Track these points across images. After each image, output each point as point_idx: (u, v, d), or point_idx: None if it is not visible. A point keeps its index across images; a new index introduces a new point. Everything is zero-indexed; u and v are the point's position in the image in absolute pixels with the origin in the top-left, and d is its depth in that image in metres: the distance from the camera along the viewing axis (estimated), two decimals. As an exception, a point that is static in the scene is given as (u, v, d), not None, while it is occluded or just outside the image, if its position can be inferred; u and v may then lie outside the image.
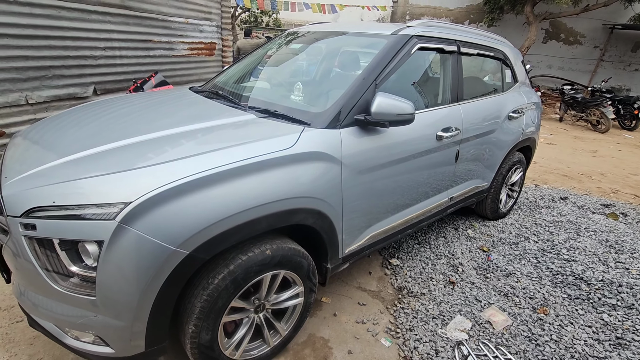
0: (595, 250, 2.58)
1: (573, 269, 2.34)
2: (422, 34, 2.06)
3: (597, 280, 2.22)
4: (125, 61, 3.64)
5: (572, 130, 8.52)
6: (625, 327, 1.89)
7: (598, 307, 2.05)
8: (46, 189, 1.17)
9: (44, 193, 1.16)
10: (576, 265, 2.38)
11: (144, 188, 1.14)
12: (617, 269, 2.33)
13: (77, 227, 1.11)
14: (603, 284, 2.18)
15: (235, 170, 1.29)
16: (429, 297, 2.24)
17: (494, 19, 12.42)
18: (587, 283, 2.22)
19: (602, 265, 2.39)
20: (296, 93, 1.98)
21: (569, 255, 2.51)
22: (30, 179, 1.23)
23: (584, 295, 2.14)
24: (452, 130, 2.20)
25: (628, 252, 2.58)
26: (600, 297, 2.10)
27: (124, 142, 1.40)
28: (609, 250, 2.60)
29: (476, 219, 3.30)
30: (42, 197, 1.15)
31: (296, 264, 1.57)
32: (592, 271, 2.31)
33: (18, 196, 1.18)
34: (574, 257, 2.48)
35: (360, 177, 1.72)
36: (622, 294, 2.08)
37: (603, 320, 1.95)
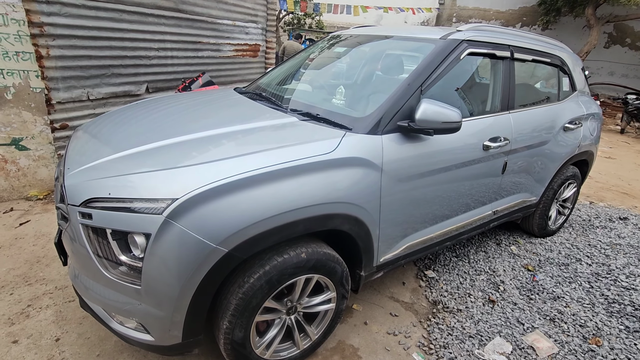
0: (660, 280, 2.32)
1: (633, 299, 2.12)
2: (473, 38, 1.97)
3: (662, 313, 1.99)
4: (176, 61, 3.84)
5: (635, 144, 7.76)
6: (695, 370, 1.67)
7: (662, 344, 1.84)
8: (103, 182, 1.25)
9: (100, 185, 1.24)
10: (637, 294, 2.15)
11: (189, 186, 1.19)
12: (687, 303, 2.08)
13: (128, 219, 1.17)
14: (670, 319, 1.95)
15: (276, 172, 1.31)
16: (466, 314, 2.13)
17: (549, 22, 11.68)
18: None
19: (668, 297, 2.15)
20: (338, 97, 1.98)
21: (629, 282, 2.28)
22: (89, 171, 1.33)
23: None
24: (501, 141, 2.08)
25: (701, 284, 2.30)
26: (665, 333, 1.88)
27: (172, 140, 1.46)
28: (677, 281, 2.33)
29: (521, 235, 3.10)
30: (99, 188, 1.24)
31: (330, 269, 1.55)
32: (656, 303, 2.08)
33: (78, 187, 1.27)
34: (634, 285, 2.25)
35: (400, 185, 1.68)
36: (692, 332, 1.85)
37: (668, 360, 1.74)
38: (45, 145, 3.01)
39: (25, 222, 2.72)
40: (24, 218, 2.76)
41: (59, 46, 2.80)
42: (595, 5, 9.88)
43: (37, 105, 2.87)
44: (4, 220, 2.72)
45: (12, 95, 2.77)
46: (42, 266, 2.24)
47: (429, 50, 1.86)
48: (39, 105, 2.87)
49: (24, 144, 2.93)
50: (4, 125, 2.81)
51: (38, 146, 2.99)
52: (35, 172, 3.05)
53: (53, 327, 1.79)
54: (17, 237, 2.52)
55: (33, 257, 2.32)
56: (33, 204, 2.98)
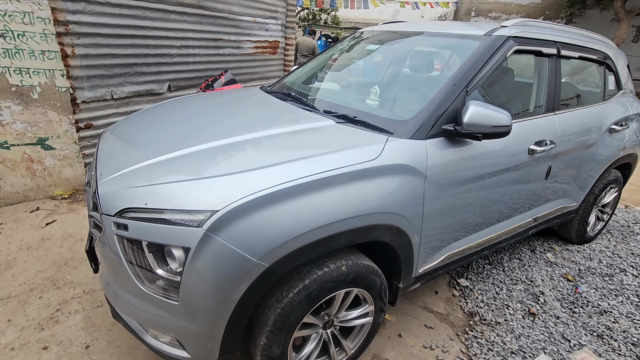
0: None
1: (691, 316, 1.97)
2: (520, 34, 1.83)
3: None
4: (198, 59, 3.78)
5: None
6: None
7: None
8: (139, 190, 1.19)
9: (136, 194, 1.18)
10: (695, 311, 2.00)
11: (230, 196, 1.11)
12: None
13: (166, 232, 1.11)
14: None
15: (320, 181, 1.22)
16: (506, 328, 2.01)
17: (573, 15, 11.25)
18: None
19: None
20: (372, 97, 1.87)
21: (684, 297, 2.12)
22: (123, 179, 1.27)
23: None
24: (547, 144, 1.94)
25: None
26: None
27: (207, 146, 1.39)
28: None
29: (556, 242, 2.95)
30: (135, 198, 1.17)
31: (370, 282, 1.47)
32: None
33: (112, 195, 1.22)
34: (690, 300, 2.09)
35: (443, 193, 1.57)
36: None
37: None
38: (70, 145, 3.00)
39: (51, 222, 2.71)
40: (50, 218, 2.76)
41: (84, 45, 2.77)
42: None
43: (62, 105, 2.85)
44: (30, 220, 2.72)
45: (38, 95, 2.76)
46: (69, 269, 2.23)
47: (474, 48, 1.73)
48: (65, 105, 2.85)
49: (49, 143, 2.93)
50: (30, 124, 2.81)
51: (63, 146, 2.98)
52: (61, 172, 3.04)
53: (82, 334, 1.76)
54: (44, 238, 2.52)
55: (60, 259, 2.30)
56: (58, 203, 2.98)
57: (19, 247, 2.40)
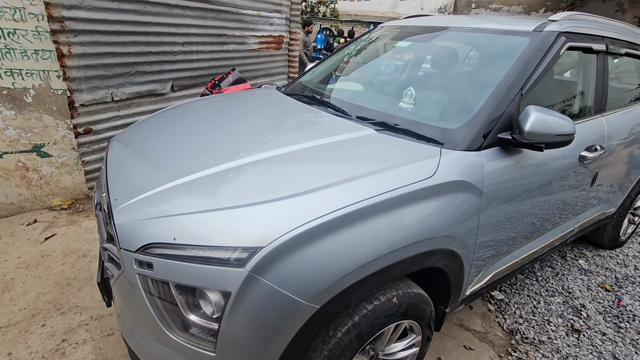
0: None
1: None
2: (571, 30, 1.66)
3: None
4: (201, 56, 3.57)
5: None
6: None
7: None
8: (165, 221, 1.00)
9: (162, 226, 1.00)
10: None
11: (277, 229, 0.94)
12: None
13: (200, 273, 0.93)
14: None
15: (375, 206, 1.05)
16: (551, 348, 1.87)
17: (574, 5, 11.07)
18: None
19: None
20: (407, 100, 1.69)
21: None
22: (144, 205, 1.08)
23: None
24: (597, 150, 1.79)
25: None
26: None
27: (239, 163, 1.20)
28: None
29: (586, 247, 2.82)
30: (161, 230, 0.99)
31: (420, 312, 1.31)
32: None
33: (133, 226, 1.03)
34: None
35: (498, 209, 1.41)
36: None
37: None
38: (68, 152, 2.78)
39: (50, 235, 2.51)
40: (49, 231, 2.56)
41: (81, 43, 2.55)
42: (630, -13, 9.28)
43: (59, 109, 2.63)
44: (28, 234, 2.52)
45: (32, 98, 2.54)
46: (73, 290, 2.04)
47: (524, 46, 1.56)
48: (61, 109, 2.63)
49: (45, 150, 2.71)
50: (24, 130, 2.59)
51: (61, 152, 2.76)
52: (59, 180, 2.83)
53: (93, 369, 1.58)
54: (44, 254, 2.32)
55: (63, 279, 2.11)
56: (57, 214, 2.78)
57: (16, 266, 2.20)
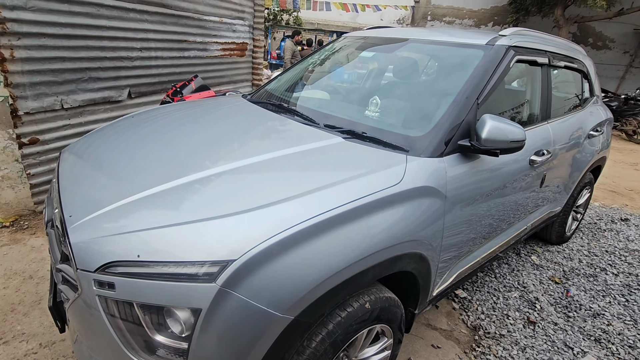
0: (695, 291, 2.30)
1: (677, 314, 2.07)
2: (518, 44, 1.81)
3: None
4: (161, 62, 3.44)
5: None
6: None
7: None
8: (128, 238, 0.95)
9: (125, 243, 0.94)
10: (680, 309, 2.11)
11: (248, 241, 0.92)
12: None
13: (167, 290, 0.89)
14: None
15: (346, 214, 1.06)
16: (510, 340, 1.99)
17: (518, 20, 12.04)
18: (699, 333, 1.95)
19: None
20: (373, 109, 1.74)
21: (666, 295, 2.24)
22: (103, 221, 1.01)
23: (698, 348, 1.87)
24: (544, 154, 1.94)
25: None
26: None
27: (205, 174, 1.17)
28: None
29: (537, 243, 3.03)
30: (123, 248, 0.93)
31: (392, 316, 1.34)
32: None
33: (92, 245, 0.96)
34: (672, 298, 2.21)
35: (460, 212, 1.48)
36: None
37: None
38: (10, 164, 2.54)
39: (-10, 257, 2.27)
40: (-12, 252, 2.31)
41: (26, 46, 2.36)
42: (564, 6, 10.27)
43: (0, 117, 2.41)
44: (-38, 257, 2.26)
45: (-33, 106, 2.30)
46: (18, 316, 1.85)
47: (479, 58, 1.67)
48: (3, 117, 2.41)
49: (-17, 162, 2.46)
50: (-43, 141, 2.34)
51: (2, 164, 2.52)
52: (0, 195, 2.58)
53: (45, 403, 1.44)
54: (-17, 279, 2.09)
55: (6, 305, 1.92)
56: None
57: (-51, 293, 1.96)
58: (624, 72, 12.48)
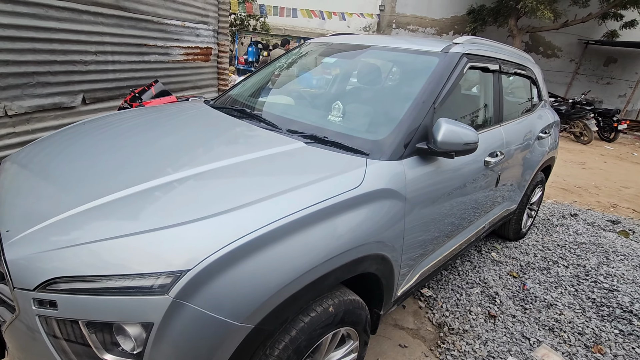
0: (633, 278, 2.50)
1: (619, 301, 2.25)
2: (471, 52, 1.90)
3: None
4: (118, 67, 3.29)
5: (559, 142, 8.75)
6: (691, 369, 1.79)
7: (656, 345, 1.95)
8: (74, 252, 0.89)
9: (71, 257, 0.88)
10: (621, 296, 2.29)
11: (202, 249, 0.89)
12: (663, 300, 2.26)
13: (117, 305, 0.84)
14: (656, 319, 2.09)
15: (305, 218, 1.06)
16: (473, 335, 2.06)
17: (476, 30, 12.72)
18: (638, 317, 2.12)
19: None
20: (336, 113, 1.77)
21: (609, 284, 2.42)
22: (44, 235, 0.95)
23: (637, 331, 2.03)
24: (497, 155, 2.05)
25: (663, 278, 2.53)
26: (656, 333, 2.00)
27: (159, 182, 1.13)
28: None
29: (496, 240, 3.19)
30: (69, 262, 0.87)
31: (356, 318, 1.35)
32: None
33: (31, 261, 0.89)
34: (615, 286, 2.39)
35: (420, 213, 1.53)
36: (679, 331, 1.99)
37: (666, 362, 1.85)
38: (-55, 176, 2.32)
39: None
40: None
41: (-38, 49, 2.18)
42: (517, 17, 10.98)
43: None
44: None
45: None
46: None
47: (434, 64, 1.74)
48: None
49: None
50: None
51: None
52: None
53: None
54: None
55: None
56: None
57: None
58: (571, 79, 13.50)
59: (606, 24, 11.25)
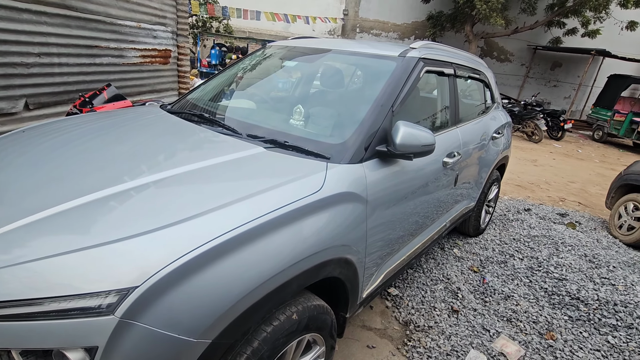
0: (580, 267, 2.69)
1: (567, 289, 2.41)
2: (427, 56, 1.97)
3: (592, 300, 2.29)
4: (66, 70, 3.08)
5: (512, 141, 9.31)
6: (630, 348, 1.95)
7: (600, 328, 2.10)
8: (7, 274, 0.81)
9: (3, 280, 0.80)
10: (569, 284, 2.45)
11: (155, 263, 0.84)
12: (605, 286, 2.45)
13: (56, 330, 0.77)
14: (599, 304, 2.25)
15: (263, 226, 1.04)
16: (438, 330, 2.12)
17: (435, 35, 13.27)
18: (584, 303, 2.28)
19: (591, 282, 2.49)
20: (297, 117, 1.75)
21: (559, 273, 2.59)
22: (-31, 257, 0.85)
23: (584, 316, 2.19)
24: (455, 156, 2.13)
25: (604, 265, 2.75)
26: (600, 317, 2.16)
27: (105, 193, 1.06)
28: (590, 266, 2.74)
29: (458, 237, 3.31)
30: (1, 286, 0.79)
31: (322, 323, 1.34)
32: (586, 290, 2.39)
33: (-48, 287, 0.80)
34: (563, 275, 2.56)
35: (381, 214, 1.55)
36: (619, 314, 2.16)
37: (609, 343, 1.99)
38: None
39: None
40: None
41: None
42: (472, 23, 11.59)
43: None
44: None
45: None
46: None
47: (392, 68, 1.78)
48: None
49: None
50: None
51: None
52: None
53: None
54: None
55: None
56: None
57: None
58: (522, 82, 14.43)
59: (551, 31, 12.16)
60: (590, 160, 8.16)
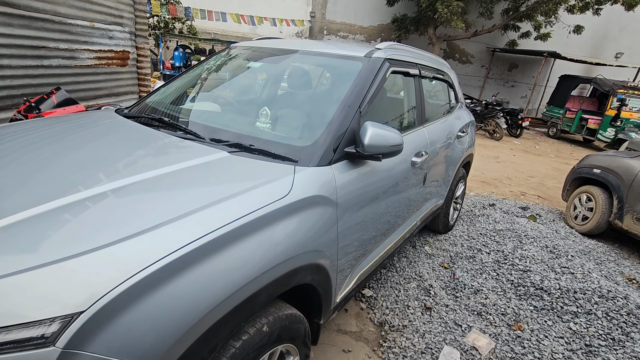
0: (542, 258, 2.82)
1: (532, 280, 2.51)
2: (392, 57, 1.98)
3: (555, 289, 2.40)
4: (8, 72, 2.82)
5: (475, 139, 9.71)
6: (590, 333, 2.05)
7: (563, 316, 2.20)
8: None
9: None
10: (533, 275, 2.56)
11: (105, 283, 0.76)
12: (565, 274, 2.58)
13: (-16, 368, 0.67)
14: (561, 292, 2.37)
15: (228, 235, 0.98)
16: (412, 329, 2.14)
17: (400, 37, 13.62)
18: (547, 293, 2.38)
19: (552, 272, 2.61)
20: (264, 120, 1.70)
21: (523, 265, 2.70)
22: None
23: (548, 305, 2.28)
24: (423, 155, 2.16)
25: (563, 255, 2.90)
26: (562, 305, 2.26)
27: (51, 206, 0.95)
28: (550, 256, 2.88)
29: (429, 234, 3.38)
30: None
31: (294, 333, 1.29)
32: (548, 280, 2.50)
33: None
34: (528, 267, 2.67)
35: (353, 216, 1.53)
36: (579, 301, 2.28)
37: (571, 330, 2.09)
38: None
39: None
40: None
41: None
42: (435, 26, 11.99)
43: None
44: None
45: None
46: None
47: (358, 69, 1.77)
48: None
49: None
50: None
51: None
52: None
53: None
54: None
55: None
56: None
57: None
58: (483, 82, 15.12)
59: (507, 34, 12.84)
60: (547, 156, 8.67)
